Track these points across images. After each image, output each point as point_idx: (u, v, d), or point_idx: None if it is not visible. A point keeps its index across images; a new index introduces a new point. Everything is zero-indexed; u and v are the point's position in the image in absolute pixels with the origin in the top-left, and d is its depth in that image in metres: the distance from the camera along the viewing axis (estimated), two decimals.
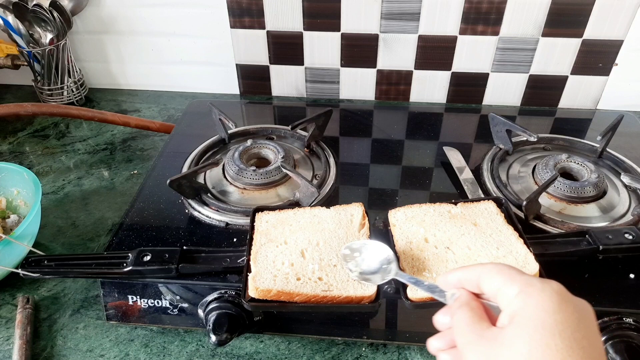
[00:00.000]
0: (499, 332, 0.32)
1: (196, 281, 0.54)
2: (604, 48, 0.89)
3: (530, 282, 0.33)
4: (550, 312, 0.31)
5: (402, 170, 0.73)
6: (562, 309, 0.31)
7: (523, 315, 0.31)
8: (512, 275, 0.34)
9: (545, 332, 0.30)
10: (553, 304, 0.31)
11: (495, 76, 0.95)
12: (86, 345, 0.58)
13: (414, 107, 0.97)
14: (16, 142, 0.93)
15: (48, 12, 0.91)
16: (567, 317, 0.31)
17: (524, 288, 0.33)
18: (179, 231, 0.61)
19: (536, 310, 0.31)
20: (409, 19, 0.89)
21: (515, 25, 0.88)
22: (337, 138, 0.82)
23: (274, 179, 0.68)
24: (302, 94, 1.03)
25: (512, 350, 0.30)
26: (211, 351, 0.58)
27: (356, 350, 0.57)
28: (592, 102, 0.96)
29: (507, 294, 0.33)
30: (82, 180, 0.83)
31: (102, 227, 0.73)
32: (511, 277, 0.34)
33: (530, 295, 0.32)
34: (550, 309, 0.31)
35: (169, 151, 0.78)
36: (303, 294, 0.46)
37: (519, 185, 0.69)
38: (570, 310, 0.31)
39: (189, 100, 1.01)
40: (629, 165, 0.71)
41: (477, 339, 0.33)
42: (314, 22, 0.92)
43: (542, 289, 0.32)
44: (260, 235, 0.53)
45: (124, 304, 0.57)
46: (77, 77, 1.02)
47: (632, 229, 0.55)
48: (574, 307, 0.32)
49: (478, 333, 0.33)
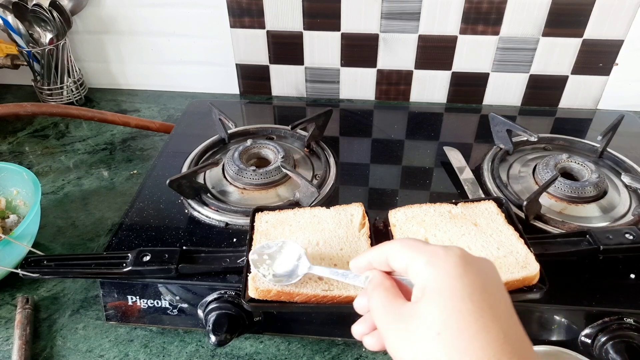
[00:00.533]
0: (414, 307, 0.33)
1: (196, 281, 0.54)
2: (604, 48, 0.89)
3: (435, 251, 0.34)
4: (457, 277, 0.32)
5: (402, 170, 0.73)
6: (468, 273, 0.32)
7: (433, 286, 0.32)
8: (417, 248, 0.35)
9: (456, 298, 0.31)
10: (459, 269, 0.32)
11: (495, 76, 0.95)
12: (86, 346, 0.58)
13: (414, 107, 0.97)
14: (16, 142, 0.93)
15: (48, 12, 0.91)
16: (473, 279, 0.32)
17: (429, 259, 0.33)
18: (178, 231, 0.61)
19: (445, 279, 0.32)
20: (409, 18, 0.89)
21: (515, 25, 0.88)
22: (337, 138, 0.81)
23: (274, 179, 0.68)
24: (302, 94, 1.03)
25: (428, 322, 0.31)
26: (211, 351, 0.57)
27: (356, 351, 0.57)
28: (593, 102, 0.96)
29: (415, 268, 0.34)
30: (82, 180, 0.83)
31: (101, 227, 0.73)
32: (417, 250, 0.34)
33: (436, 265, 0.33)
34: (457, 275, 0.32)
35: (168, 151, 0.78)
36: (303, 294, 0.46)
37: (519, 185, 0.69)
38: (475, 272, 0.32)
39: (189, 100, 1.01)
40: (630, 165, 0.71)
41: (394, 318, 0.34)
42: (314, 22, 0.92)
43: (447, 256, 0.33)
44: (260, 235, 0.53)
45: (123, 304, 0.57)
46: (76, 77, 1.02)
47: (633, 229, 0.55)
48: (478, 269, 0.33)
49: (394, 312, 0.34)
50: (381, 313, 0.35)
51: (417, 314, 0.32)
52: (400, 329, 0.33)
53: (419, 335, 0.31)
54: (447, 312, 0.31)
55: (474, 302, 0.31)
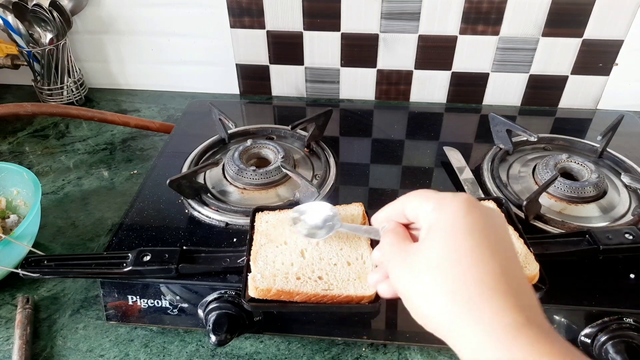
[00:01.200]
0: (418, 245, 0.35)
1: (196, 281, 0.54)
2: (604, 48, 0.89)
3: (443, 196, 0.36)
4: (460, 217, 0.33)
5: (402, 170, 0.73)
6: (471, 214, 0.33)
7: (437, 225, 0.34)
8: (428, 194, 0.37)
9: (457, 234, 0.32)
10: (463, 210, 0.33)
11: (495, 76, 0.95)
12: (86, 346, 0.58)
13: (414, 107, 0.97)
14: (16, 142, 0.93)
15: (48, 12, 0.91)
16: (475, 220, 0.33)
17: (437, 202, 0.35)
18: (178, 231, 0.61)
19: (448, 218, 0.33)
20: (409, 18, 0.89)
21: (515, 25, 0.88)
22: (337, 138, 0.81)
23: (274, 179, 0.68)
24: (302, 94, 1.03)
25: (428, 256, 0.33)
26: (211, 351, 0.57)
27: (356, 351, 0.57)
28: (593, 102, 0.96)
29: (424, 212, 0.36)
30: (82, 180, 0.83)
31: (102, 227, 0.73)
32: (427, 197, 0.36)
33: (442, 207, 0.34)
34: (460, 215, 0.33)
35: (168, 151, 0.78)
36: (303, 293, 0.46)
37: (519, 185, 0.69)
38: (478, 214, 0.33)
39: (189, 100, 1.01)
40: (629, 165, 0.71)
41: (399, 255, 0.35)
42: (314, 22, 0.92)
43: (453, 200, 0.34)
44: (260, 235, 0.53)
45: (123, 304, 0.57)
46: (76, 77, 1.02)
47: (633, 229, 0.55)
48: (482, 212, 0.34)
49: (400, 249, 0.36)
50: (388, 251, 0.37)
51: (419, 250, 0.34)
52: (403, 263, 0.34)
53: (418, 268, 0.33)
54: (447, 247, 0.32)
55: (474, 239, 0.32)
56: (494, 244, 0.32)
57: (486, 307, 0.29)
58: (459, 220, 0.33)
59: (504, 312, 0.29)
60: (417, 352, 0.57)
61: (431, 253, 0.33)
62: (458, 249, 0.31)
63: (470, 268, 0.31)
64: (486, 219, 0.33)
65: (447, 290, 0.30)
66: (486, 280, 0.30)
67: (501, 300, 0.29)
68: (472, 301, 0.30)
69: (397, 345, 0.57)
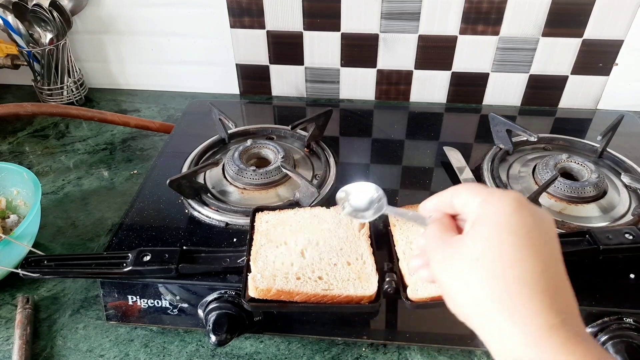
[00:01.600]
0: (462, 237, 0.35)
1: (196, 281, 0.54)
2: (604, 48, 0.89)
3: (492, 192, 0.35)
4: (507, 215, 0.33)
5: (402, 170, 0.73)
6: (519, 213, 0.33)
7: (482, 219, 0.34)
8: (478, 188, 0.37)
9: (501, 230, 0.32)
10: (511, 208, 0.33)
11: (495, 76, 0.95)
12: (86, 346, 0.58)
13: (414, 107, 0.97)
14: (16, 142, 0.93)
15: (48, 12, 0.91)
16: (522, 219, 0.33)
17: (485, 197, 0.35)
18: (178, 231, 0.61)
19: (494, 214, 0.33)
20: (409, 18, 0.89)
21: (515, 25, 0.88)
22: (337, 138, 0.81)
23: (274, 179, 0.68)
24: (302, 94, 1.03)
25: (470, 249, 0.33)
26: (211, 351, 0.57)
27: (356, 350, 0.57)
28: (593, 102, 0.96)
29: (472, 205, 0.36)
30: (82, 180, 0.83)
31: (102, 227, 0.73)
32: (476, 190, 0.36)
33: (490, 202, 0.34)
34: (507, 213, 0.33)
35: (168, 151, 0.78)
36: (303, 293, 0.46)
37: (519, 185, 0.69)
38: (526, 214, 0.33)
39: (189, 100, 1.01)
40: (629, 165, 0.71)
41: (442, 245, 0.36)
42: (314, 22, 0.92)
43: (502, 196, 0.34)
44: (260, 235, 0.53)
45: (123, 304, 0.57)
46: (76, 77, 1.02)
47: (633, 229, 0.55)
48: (531, 212, 0.33)
49: (443, 239, 0.36)
50: (432, 241, 0.37)
51: (462, 242, 0.34)
52: (445, 254, 0.35)
53: (459, 260, 0.33)
54: (490, 242, 0.32)
55: (518, 237, 0.32)
56: (537, 244, 0.32)
57: (523, 306, 0.29)
58: (505, 217, 0.33)
59: (540, 312, 0.29)
60: (417, 352, 0.57)
61: (474, 246, 0.33)
62: (501, 244, 0.31)
63: (512, 265, 0.31)
64: (534, 218, 0.33)
65: (485, 285, 0.31)
66: (526, 279, 0.30)
67: (538, 300, 0.29)
68: (510, 299, 0.30)
69: (397, 345, 0.57)
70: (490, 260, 0.31)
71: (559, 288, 0.31)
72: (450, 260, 0.34)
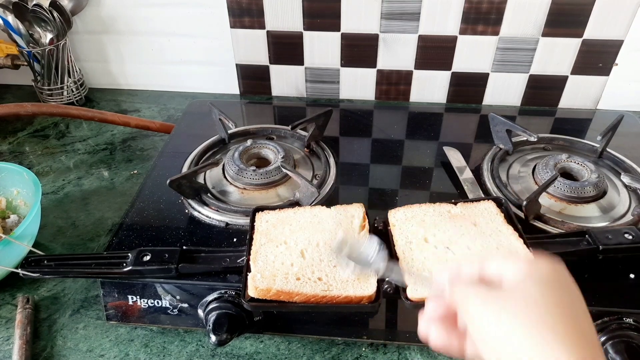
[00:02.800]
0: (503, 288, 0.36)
1: (196, 281, 0.54)
2: (604, 48, 0.89)
3: (531, 258, 0.37)
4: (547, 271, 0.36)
5: (402, 170, 0.73)
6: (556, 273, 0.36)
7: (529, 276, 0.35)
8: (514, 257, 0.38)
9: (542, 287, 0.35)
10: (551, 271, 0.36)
11: (495, 76, 0.95)
12: (86, 345, 0.58)
13: (414, 107, 0.97)
14: (16, 142, 0.93)
15: (48, 12, 0.91)
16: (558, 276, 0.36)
17: (527, 261, 0.37)
18: (178, 231, 0.61)
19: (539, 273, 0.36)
20: (409, 18, 0.89)
21: (515, 25, 0.88)
22: (337, 138, 0.81)
23: (274, 179, 0.68)
24: (302, 94, 1.03)
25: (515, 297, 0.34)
26: (211, 351, 0.57)
27: (356, 350, 0.57)
28: (592, 102, 0.96)
29: (512, 267, 0.37)
30: (82, 180, 0.83)
31: (102, 227, 0.73)
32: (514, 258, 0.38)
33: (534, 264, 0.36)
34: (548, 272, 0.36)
35: (169, 151, 0.78)
36: (303, 294, 0.46)
37: (519, 185, 0.69)
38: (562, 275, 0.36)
39: (189, 100, 1.01)
40: (629, 165, 0.71)
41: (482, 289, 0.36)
42: (314, 22, 0.92)
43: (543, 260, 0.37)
44: (260, 235, 0.53)
45: (123, 304, 0.57)
46: (77, 77, 1.02)
47: (632, 229, 0.55)
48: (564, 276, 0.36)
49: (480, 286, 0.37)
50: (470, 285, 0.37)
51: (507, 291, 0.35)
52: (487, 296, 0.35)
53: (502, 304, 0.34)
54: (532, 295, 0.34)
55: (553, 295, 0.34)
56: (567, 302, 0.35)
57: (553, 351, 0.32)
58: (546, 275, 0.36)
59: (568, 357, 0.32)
60: (417, 352, 0.57)
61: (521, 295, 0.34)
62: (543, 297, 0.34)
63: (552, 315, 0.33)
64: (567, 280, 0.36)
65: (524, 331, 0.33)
66: (558, 329, 0.33)
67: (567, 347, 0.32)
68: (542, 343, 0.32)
69: (397, 345, 0.57)
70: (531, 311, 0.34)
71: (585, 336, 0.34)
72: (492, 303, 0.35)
